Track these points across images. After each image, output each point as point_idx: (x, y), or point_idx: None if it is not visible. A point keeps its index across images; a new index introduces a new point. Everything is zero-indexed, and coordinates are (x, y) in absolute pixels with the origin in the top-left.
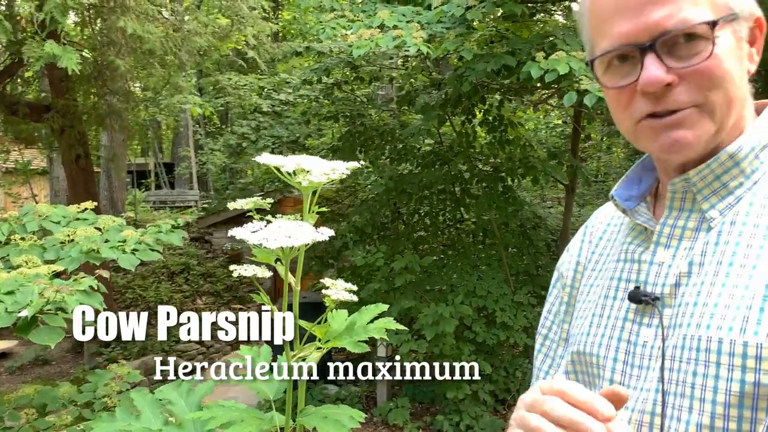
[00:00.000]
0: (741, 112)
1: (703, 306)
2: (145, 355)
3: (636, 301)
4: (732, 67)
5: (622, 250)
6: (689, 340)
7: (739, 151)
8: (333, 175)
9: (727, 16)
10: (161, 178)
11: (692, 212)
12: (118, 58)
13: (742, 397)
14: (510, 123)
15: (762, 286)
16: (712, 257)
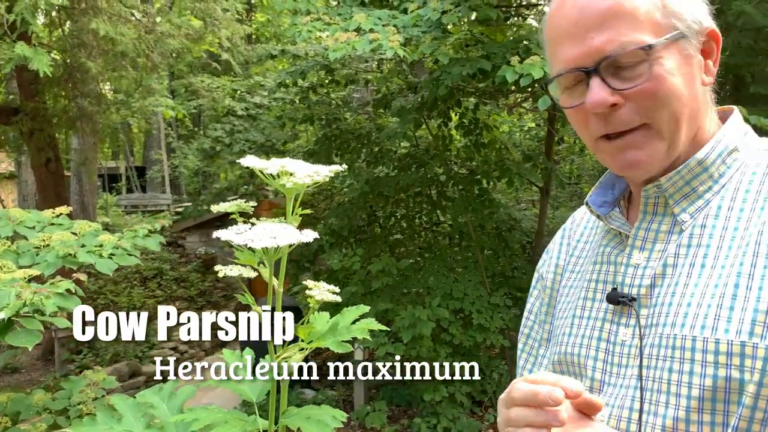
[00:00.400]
0: (698, 123)
1: (677, 306)
2: (118, 361)
3: (613, 302)
4: (677, 85)
5: (599, 253)
6: (665, 339)
7: (707, 158)
8: (317, 177)
9: (670, 37)
10: (133, 182)
11: (665, 216)
12: (90, 60)
13: (715, 391)
14: (485, 126)
15: (732, 286)
16: (685, 259)
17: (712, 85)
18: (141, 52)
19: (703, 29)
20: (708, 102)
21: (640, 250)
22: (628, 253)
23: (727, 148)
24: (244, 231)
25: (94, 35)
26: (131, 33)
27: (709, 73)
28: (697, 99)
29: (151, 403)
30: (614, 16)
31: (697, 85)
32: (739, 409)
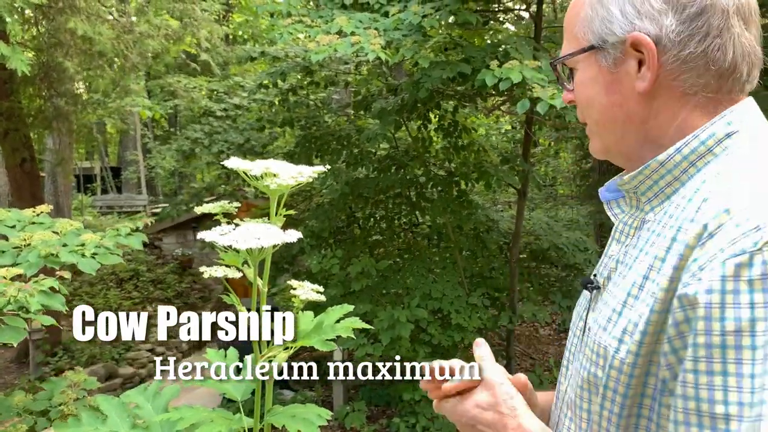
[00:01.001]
0: (644, 126)
1: (602, 302)
2: (94, 363)
3: (586, 288)
4: (593, 94)
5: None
6: (589, 330)
7: (669, 160)
8: (300, 178)
9: (578, 50)
10: (108, 183)
11: (639, 212)
12: (66, 59)
13: (588, 383)
14: (464, 128)
15: (625, 294)
16: (625, 258)
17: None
18: (119, 52)
19: (620, 40)
20: (670, 103)
21: (617, 243)
22: (609, 243)
23: (695, 152)
24: (228, 232)
25: (72, 34)
26: (109, 33)
27: (644, 80)
28: (627, 105)
29: (135, 403)
30: (563, 29)
31: (625, 92)
32: (594, 403)
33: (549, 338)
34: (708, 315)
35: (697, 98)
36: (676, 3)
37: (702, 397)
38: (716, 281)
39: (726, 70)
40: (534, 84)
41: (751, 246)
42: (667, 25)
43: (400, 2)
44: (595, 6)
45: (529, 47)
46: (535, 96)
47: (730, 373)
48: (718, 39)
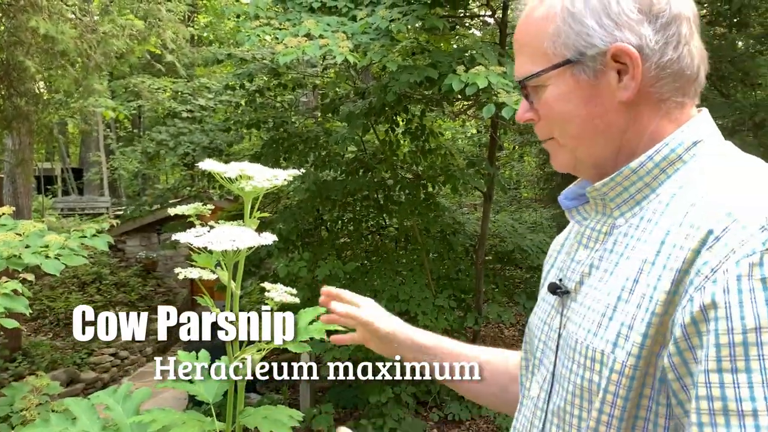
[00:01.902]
0: (620, 136)
1: (582, 307)
2: (55, 368)
3: (553, 292)
4: (570, 110)
5: (569, 243)
6: (569, 335)
7: (642, 167)
8: (275, 181)
9: (552, 66)
10: (69, 184)
11: (607, 217)
12: (27, 58)
13: (581, 389)
14: (431, 132)
15: (614, 298)
16: (601, 263)
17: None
18: (83, 52)
19: (600, 51)
20: (647, 110)
21: (585, 248)
22: (576, 248)
23: (666, 159)
24: (203, 233)
25: (33, 33)
26: (72, 32)
27: (626, 90)
28: (608, 116)
29: (106, 405)
30: (519, 46)
31: (606, 103)
32: (592, 410)
33: (514, 339)
34: (728, 314)
35: (668, 104)
36: (650, 13)
37: (729, 396)
38: (732, 281)
39: (694, 74)
40: (499, 89)
41: (761, 245)
42: (646, 35)
43: (367, 6)
44: (567, 20)
45: (494, 53)
46: (500, 101)
47: (754, 370)
48: (687, 46)
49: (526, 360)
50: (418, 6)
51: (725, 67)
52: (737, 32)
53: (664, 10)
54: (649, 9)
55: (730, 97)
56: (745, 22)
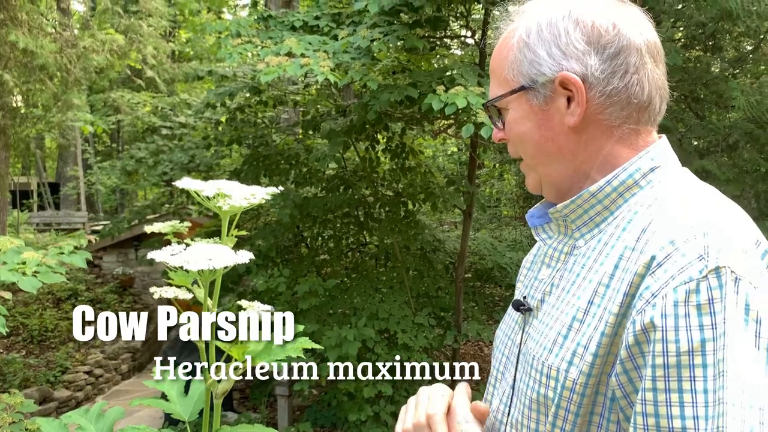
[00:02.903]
0: (574, 159)
1: (541, 324)
2: (28, 386)
3: (516, 309)
4: (525, 131)
5: (536, 261)
6: (528, 352)
7: (600, 191)
8: (253, 200)
9: (509, 92)
10: (45, 199)
11: (569, 238)
12: (5, 72)
13: (537, 404)
14: (411, 150)
15: (570, 318)
16: (560, 282)
17: (625, 121)
18: (62, 66)
19: (549, 79)
20: (597, 135)
21: (547, 267)
22: (539, 267)
23: (624, 184)
24: (179, 252)
25: (12, 47)
26: (52, 46)
27: (574, 115)
28: (558, 140)
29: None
30: (491, 71)
31: (556, 128)
32: (546, 423)
33: None
34: (664, 338)
35: (621, 130)
36: (597, 44)
37: (661, 413)
38: (670, 306)
39: (644, 102)
40: (478, 109)
41: (698, 274)
42: (592, 65)
43: (349, 26)
44: (522, 50)
45: (473, 74)
46: (479, 121)
47: (686, 390)
48: (636, 75)
49: (491, 374)
50: (399, 26)
51: (700, 89)
52: (711, 55)
53: (612, 42)
54: (597, 40)
55: (704, 119)
56: (719, 46)
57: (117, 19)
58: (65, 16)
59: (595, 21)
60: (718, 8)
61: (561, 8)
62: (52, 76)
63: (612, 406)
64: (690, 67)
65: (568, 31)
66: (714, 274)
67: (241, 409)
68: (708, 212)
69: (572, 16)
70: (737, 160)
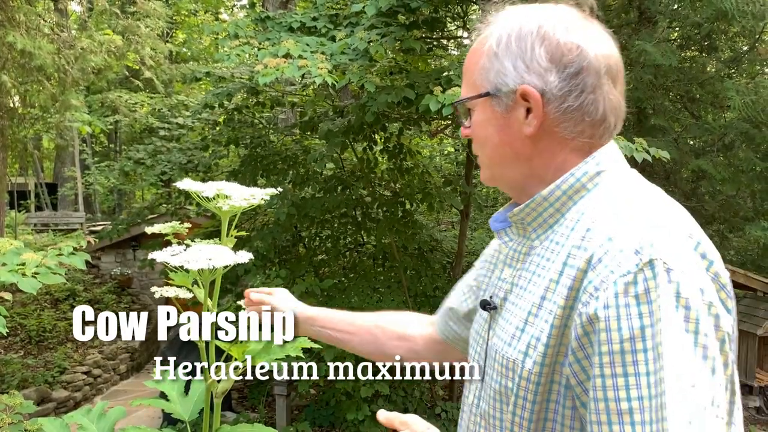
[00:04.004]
0: (528, 164)
1: (503, 320)
2: (26, 387)
3: (483, 308)
4: (486, 133)
5: (497, 262)
6: (493, 346)
7: (551, 195)
8: (253, 200)
9: (475, 95)
10: (43, 199)
11: (526, 239)
12: (3, 73)
13: (500, 394)
14: (409, 151)
15: (526, 312)
16: (519, 281)
17: (579, 131)
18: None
19: (511, 90)
20: (552, 145)
21: (509, 267)
22: (501, 268)
23: (572, 187)
24: (180, 252)
25: (10, 48)
26: (50, 47)
27: (530, 126)
28: (515, 145)
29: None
30: (463, 72)
31: (514, 134)
32: (507, 412)
33: None
34: (607, 327)
35: (575, 143)
36: (559, 63)
37: (610, 397)
38: (611, 298)
39: (598, 120)
40: None
41: (634, 267)
42: (551, 81)
43: (346, 27)
44: (491, 59)
45: None
46: None
47: (630, 374)
48: (592, 95)
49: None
50: (396, 28)
51: (696, 89)
52: (707, 55)
53: (573, 62)
54: (560, 59)
55: (700, 119)
56: (714, 46)
57: (114, 20)
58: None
59: (561, 40)
60: (714, 9)
61: (532, 21)
62: (49, 77)
63: (566, 393)
64: (686, 68)
65: (534, 47)
66: (648, 266)
67: (239, 409)
68: (643, 210)
69: (541, 32)
70: (733, 159)
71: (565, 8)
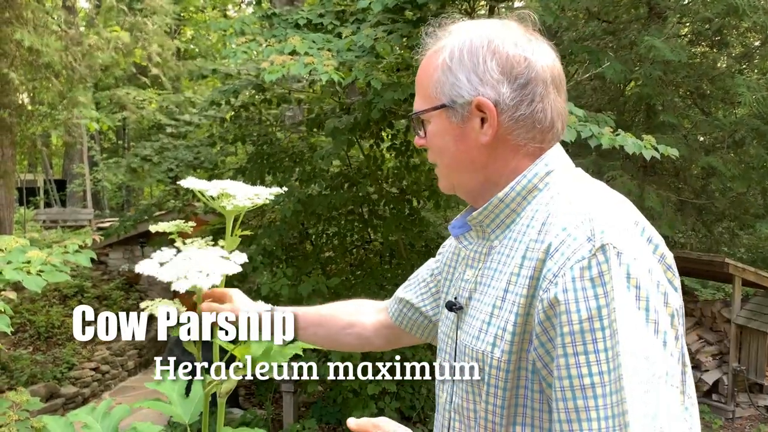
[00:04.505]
0: (485, 171)
1: (470, 317)
2: (35, 383)
3: (449, 309)
4: (442, 143)
5: (459, 265)
6: (461, 343)
7: (506, 196)
8: (257, 200)
9: (431, 107)
10: (52, 196)
11: (485, 240)
12: (11, 70)
13: (472, 386)
14: (416, 149)
15: (491, 306)
16: (482, 279)
17: (529, 137)
18: (67, 65)
19: (466, 101)
20: (505, 152)
21: (471, 268)
22: (463, 269)
23: (525, 188)
24: (169, 259)
25: (18, 45)
26: (57, 44)
27: (485, 135)
28: (471, 153)
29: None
30: (416, 88)
31: (470, 143)
32: (481, 401)
33: None
34: (567, 309)
35: (527, 148)
36: (510, 74)
37: (573, 374)
38: (569, 282)
39: (547, 126)
40: None
41: (588, 253)
42: (504, 92)
43: (353, 24)
44: (446, 72)
45: None
46: None
47: (590, 351)
48: (541, 104)
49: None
50: (403, 24)
51: (706, 85)
52: (718, 51)
53: (522, 73)
54: (510, 71)
55: (710, 115)
56: (725, 42)
57: (122, 17)
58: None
59: (510, 53)
60: (725, 4)
61: (482, 36)
62: (57, 74)
63: (534, 378)
64: (696, 63)
65: (486, 61)
66: (601, 251)
67: (246, 405)
68: (592, 202)
69: (491, 46)
70: (743, 156)
71: (511, 23)
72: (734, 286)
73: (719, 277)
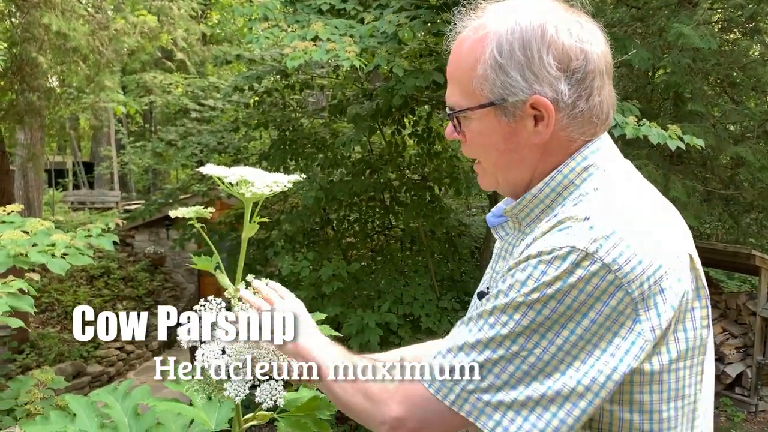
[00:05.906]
0: (528, 169)
1: None
2: (62, 361)
3: (479, 298)
4: (490, 142)
5: (496, 256)
6: None
7: (540, 193)
8: (276, 187)
9: (478, 105)
10: (80, 178)
11: (520, 233)
12: (40, 54)
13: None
14: (438, 135)
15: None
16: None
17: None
18: (94, 49)
19: (522, 100)
20: (557, 149)
21: (503, 259)
22: (496, 260)
23: (561, 184)
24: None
25: (46, 29)
26: (84, 29)
27: (539, 134)
28: (522, 152)
29: (105, 403)
30: (451, 75)
31: (522, 142)
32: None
33: None
34: (515, 270)
35: (577, 143)
36: (567, 70)
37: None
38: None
39: (602, 119)
40: None
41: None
42: (562, 90)
43: (376, 9)
44: (495, 69)
45: None
46: None
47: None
48: (598, 97)
49: None
50: (425, 10)
51: (736, 73)
52: (750, 39)
53: (580, 67)
54: (567, 66)
55: (740, 104)
56: (758, 29)
57: (149, 1)
58: None
59: (565, 43)
60: None
61: (532, 23)
62: (85, 58)
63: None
64: (727, 51)
65: (542, 56)
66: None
67: None
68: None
69: (545, 37)
70: None
71: (554, 2)
72: (760, 278)
73: (745, 268)
